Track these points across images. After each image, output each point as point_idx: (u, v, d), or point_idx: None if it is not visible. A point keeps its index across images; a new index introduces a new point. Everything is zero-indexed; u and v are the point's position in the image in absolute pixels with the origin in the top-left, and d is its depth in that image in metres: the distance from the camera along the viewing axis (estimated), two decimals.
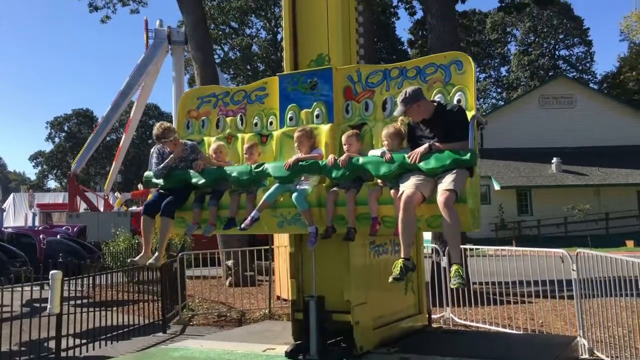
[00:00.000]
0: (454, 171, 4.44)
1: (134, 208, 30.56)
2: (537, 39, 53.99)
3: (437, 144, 4.59)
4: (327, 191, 5.05)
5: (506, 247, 10.25)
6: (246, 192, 5.40)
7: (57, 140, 68.83)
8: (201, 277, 12.34)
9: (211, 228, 5.55)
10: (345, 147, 5.08)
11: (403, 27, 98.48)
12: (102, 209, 31.17)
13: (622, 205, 28.25)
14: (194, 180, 5.59)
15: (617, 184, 28.52)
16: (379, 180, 4.89)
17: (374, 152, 4.96)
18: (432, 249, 10.00)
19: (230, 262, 13.01)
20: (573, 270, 6.75)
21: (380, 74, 5.40)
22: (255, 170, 5.30)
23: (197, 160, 5.66)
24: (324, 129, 5.40)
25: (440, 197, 4.33)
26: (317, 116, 5.50)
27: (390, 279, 4.48)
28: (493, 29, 53.81)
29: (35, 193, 44.13)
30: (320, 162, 5.04)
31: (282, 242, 10.05)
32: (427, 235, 10.72)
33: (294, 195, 5.05)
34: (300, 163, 5.07)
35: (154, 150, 5.93)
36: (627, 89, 44.80)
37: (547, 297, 8.59)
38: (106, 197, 33.71)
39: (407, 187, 4.49)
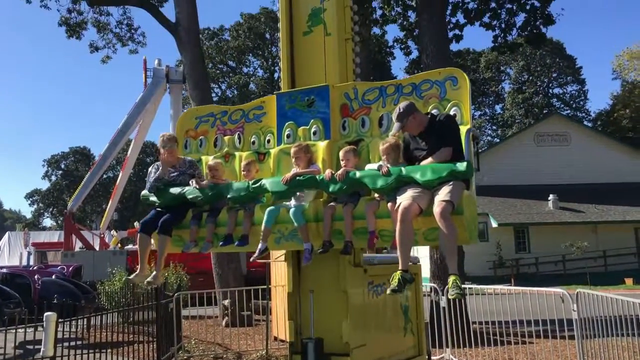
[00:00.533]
0: (450, 183, 4.47)
1: (129, 246, 30.35)
2: (530, 78, 54.77)
3: (424, 161, 4.66)
4: (324, 206, 5.05)
5: (505, 286, 10.18)
6: (244, 209, 5.38)
7: (53, 178, 68.78)
8: (197, 317, 12.18)
9: (208, 245, 5.50)
10: (342, 163, 5.08)
11: (399, 66, 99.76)
12: (97, 248, 30.94)
13: (620, 243, 28.20)
14: (191, 197, 5.54)
15: (614, 221, 28.54)
16: (376, 195, 4.90)
17: (371, 166, 4.98)
18: (431, 288, 9.92)
19: (226, 302, 12.87)
20: (574, 310, 6.70)
21: (376, 91, 5.47)
22: (253, 186, 5.27)
23: (195, 178, 5.64)
24: (321, 146, 5.43)
25: (437, 208, 4.35)
26: (314, 133, 5.54)
27: (389, 291, 4.47)
28: (487, 67, 54.65)
29: (30, 232, 43.85)
30: (317, 176, 5.03)
31: (279, 282, 9.96)
32: (426, 273, 10.66)
33: (292, 210, 5.06)
34: (297, 178, 5.05)
35: (151, 168, 5.93)
36: (621, 127, 45.24)
37: (548, 337, 8.51)
38: (102, 236, 33.50)
39: (404, 198, 4.51)
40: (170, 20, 16.91)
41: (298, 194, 5.19)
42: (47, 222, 72.23)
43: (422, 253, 12.09)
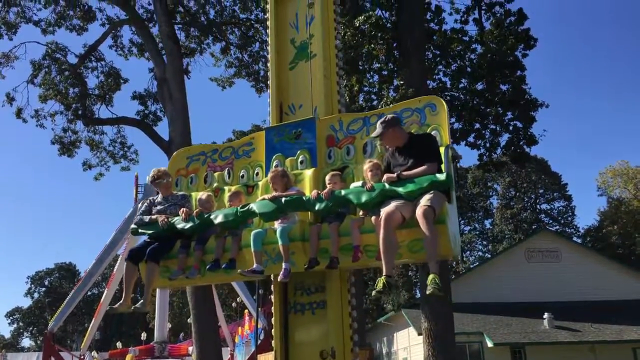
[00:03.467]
0: (432, 192, 4.67)
1: None
2: (517, 194, 55.64)
3: (405, 172, 4.87)
4: (311, 226, 5.24)
5: None
6: (231, 235, 5.47)
7: (36, 295, 67.13)
8: None
9: (195, 272, 5.53)
10: (329, 186, 5.28)
11: None
12: None
13: None
14: (180, 226, 5.58)
15: (611, 340, 27.75)
16: (360, 212, 5.11)
17: (356, 184, 5.22)
18: None
19: None
20: None
21: (360, 122, 5.80)
22: (241, 210, 5.34)
23: (184, 208, 5.74)
24: (308, 174, 5.65)
25: (419, 210, 4.56)
26: (302, 162, 5.79)
27: (374, 293, 4.68)
28: (474, 183, 55.64)
29: (8, 353, 42.00)
30: (304, 197, 5.22)
31: None
32: None
33: (279, 230, 5.16)
34: (285, 199, 5.15)
35: (142, 201, 6.14)
36: (611, 243, 45.36)
37: None
38: (82, 358, 32.06)
39: (388, 207, 4.71)
40: (164, 139, 17.25)
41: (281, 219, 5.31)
42: (26, 342, 69.50)
43: None
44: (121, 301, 5.70)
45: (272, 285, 6.02)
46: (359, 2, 17.30)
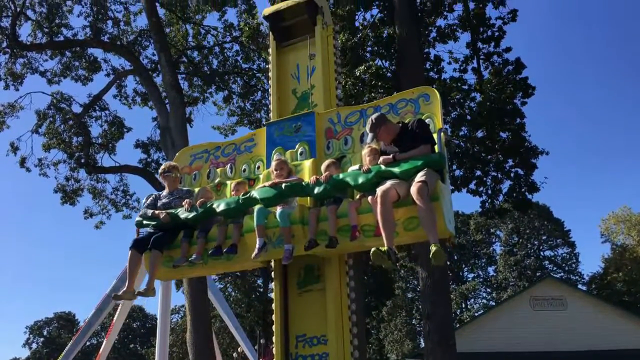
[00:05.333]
0: (425, 170, 4.87)
1: None
2: (520, 240, 55.26)
3: (400, 154, 5.08)
4: (310, 210, 5.38)
5: None
6: (233, 223, 5.59)
7: (34, 345, 66.02)
8: None
9: (198, 257, 5.63)
10: (326, 173, 5.42)
11: None
12: None
13: None
14: (183, 216, 5.72)
15: None
16: (357, 196, 5.30)
17: (353, 168, 5.44)
18: None
19: None
20: None
21: (357, 114, 5.98)
22: (243, 198, 5.52)
23: (187, 199, 5.91)
24: (307, 165, 5.80)
25: (413, 187, 4.74)
26: (301, 153, 5.97)
27: (373, 250, 4.84)
28: (477, 230, 55.32)
29: None
30: (302, 182, 5.38)
31: None
32: None
33: (279, 211, 5.32)
34: (284, 185, 5.30)
35: (148, 196, 6.30)
36: (616, 290, 44.78)
37: None
38: None
39: (383, 185, 4.90)
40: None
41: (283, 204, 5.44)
42: None
43: None
44: (124, 289, 5.79)
45: (273, 274, 6.10)
46: (359, 52, 17.60)
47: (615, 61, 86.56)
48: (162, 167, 6.38)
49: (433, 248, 4.61)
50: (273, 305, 6.03)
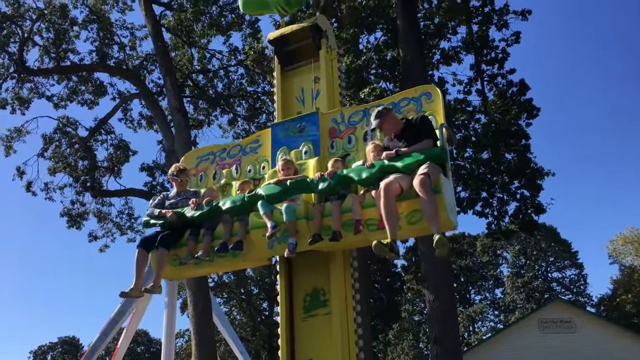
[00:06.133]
0: (427, 163, 4.95)
1: None
2: (528, 262, 54.84)
3: (403, 149, 5.16)
4: (314, 206, 5.47)
5: None
6: (239, 220, 5.67)
7: None
8: None
9: (204, 254, 5.69)
10: (329, 170, 5.50)
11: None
12: None
13: None
14: (189, 214, 5.78)
15: None
16: (361, 191, 5.37)
17: (357, 164, 5.51)
18: None
19: None
20: None
21: (360, 113, 6.07)
22: (248, 195, 5.60)
23: (193, 198, 6.01)
24: (311, 163, 5.83)
25: (416, 180, 4.81)
26: (306, 152, 6.02)
27: (377, 242, 4.81)
28: (483, 251, 54.93)
29: None
30: (307, 179, 5.44)
31: None
32: None
33: (284, 206, 5.37)
34: (289, 181, 5.39)
35: (155, 196, 6.44)
36: (625, 312, 44.26)
37: None
38: None
39: (386, 179, 4.95)
40: None
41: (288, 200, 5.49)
42: None
43: None
44: (131, 286, 5.85)
45: (278, 272, 6.12)
46: (363, 75, 17.68)
47: (622, 82, 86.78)
48: (172, 169, 6.51)
49: (436, 237, 4.66)
50: (279, 329, 5.96)
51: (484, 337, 45.18)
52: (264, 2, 6.80)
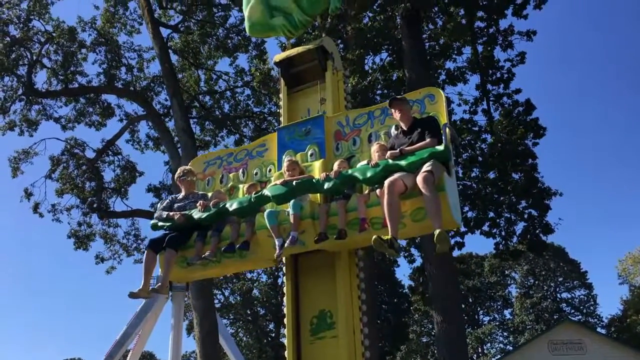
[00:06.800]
0: (431, 161, 5.00)
1: None
2: (536, 282, 54.31)
3: (407, 147, 5.22)
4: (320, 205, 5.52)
5: None
6: (246, 221, 5.73)
7: None
8: None
9: (211, 254, 5.72)
10: (335, 170, 5.54)
11: (403, 272, 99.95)
12: None
13: None
14: (197, 216, 5.81)
15: None
16: (366, 191, 5.42)
17: (362, 164, 5.57)
18: None
19: None
20: None
21: (365, 116, 6.15)
22: (255, 196, 5.63)
23: (201, 201, 6.05)
24: (317, 165, 5.95)
25: (419, 177, 4.86)
26: (311, 155, 6.08)
27: (374, 237, 4.79)
28: (491, 271, 54.47)
29: None
30: (313, 179, 5.48)
31: None
32: None
33: (291, 201, 5.42)
34: (295, 181, 5.42)
35: (164, 199, 6.54)
36: (636, 333, 43.66)
37: None
38: None
39: (391, 177, 4.99)
40: None
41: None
42: None
43: None
44: (141, 287, 5.88)
45: (284, 274, 6.10)
46: (369, 95, 17.73)
47: (630, 101, 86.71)
48: (178, 171, 6.58)
49: (437, 231, 4.66)
50: (285, 352, 5.89)
51: (493, 359, 44.61)
52: (270, 25, 6.88)
